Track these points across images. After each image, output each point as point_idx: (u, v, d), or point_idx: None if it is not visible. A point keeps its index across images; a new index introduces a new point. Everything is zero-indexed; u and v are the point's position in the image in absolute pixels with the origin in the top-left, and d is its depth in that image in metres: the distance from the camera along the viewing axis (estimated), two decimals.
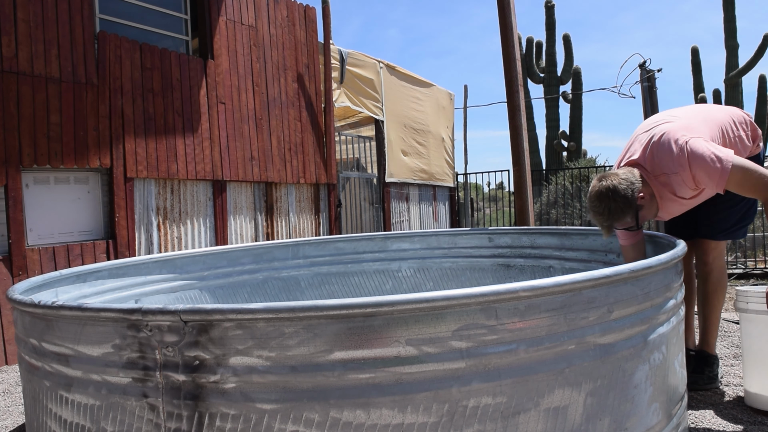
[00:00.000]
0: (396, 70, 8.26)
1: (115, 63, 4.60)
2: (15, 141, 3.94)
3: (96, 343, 1.33)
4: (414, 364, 1.21)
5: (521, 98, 4.80)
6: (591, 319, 1.34)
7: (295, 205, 6.41)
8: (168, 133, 4.97)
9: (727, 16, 14.66)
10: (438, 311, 1.21)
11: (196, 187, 5.29)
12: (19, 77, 3.98)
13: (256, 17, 5.94)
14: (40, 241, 4.17)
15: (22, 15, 4.02)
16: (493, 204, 12.87)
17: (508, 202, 9.57)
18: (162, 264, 2.83)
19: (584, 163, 13.12)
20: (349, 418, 1.20)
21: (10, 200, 3.91)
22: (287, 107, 6.25)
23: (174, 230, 5.06)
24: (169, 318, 1.23)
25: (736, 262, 7.57)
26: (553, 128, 15.80)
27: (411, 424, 1.21)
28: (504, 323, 1.25)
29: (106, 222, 4.60)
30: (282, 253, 3.39)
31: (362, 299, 1.20)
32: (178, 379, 1.25)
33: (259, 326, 1.21)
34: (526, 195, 4.79)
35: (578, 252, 2.99)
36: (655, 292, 1.52)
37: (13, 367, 3.77)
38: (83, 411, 1.38)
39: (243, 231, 5.77)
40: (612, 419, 1.38)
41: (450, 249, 3.52)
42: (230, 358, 1.23)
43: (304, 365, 1.21)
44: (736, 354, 3.22)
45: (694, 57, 15.26)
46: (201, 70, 5.31)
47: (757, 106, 14.51)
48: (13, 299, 1.57)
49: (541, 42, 15.95)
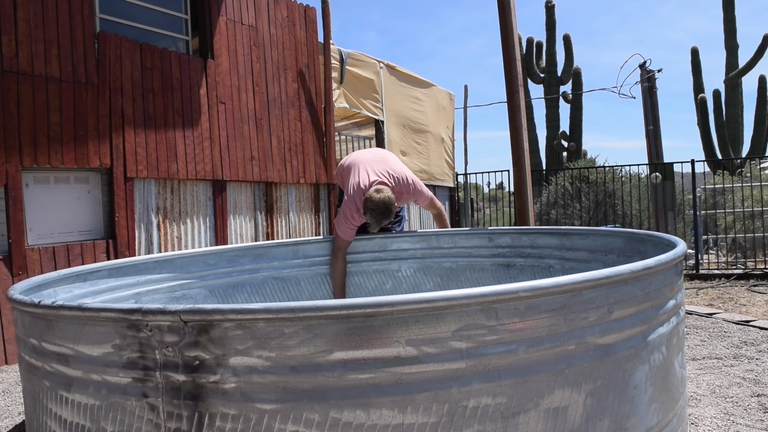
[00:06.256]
0: (396, 70, 8.26)
1: (115, 63, 4.60)
2: (15, 141, 3.94)
3: (96, 343, 1.33)
4: (414, 364, 1.21)
5: (521, 98, 4.80)
6: (591, 319, 1.34)
7: (295, 205, 6.40)
8: (168, 132, 4.97)
9: (727, 17, 14.65)
10: (438, 311, 1.21)
11: (196, 186, 5.29)
12: (19, 77, 3.98)
13: (256, 17, 5.94)
14: (40, 241, 4.16)
15: (22, 15, 4.02)
16: (493, 204, 12.86)
17: (508, 202, 9.57)
18: (162, 264, 2.82)
19: (584, 163, 13.12)
20: (349, 419, 1.20)
21: (10, 200, 3.91)
22: (287, 107, 6.25)
23: (174, 230, 5.06)
24: (169, 318, 1.23)
25: (736, 262, 7.56)
26: (553, 128, 15.80)
27: (411, 425, 1.21)
28: (504, 323, 1.25)
29: (106, 222, 4.60)
30: (282, 253, 3.38)
31: (362, 299, 1.20)
32: (178, 379, 1.25)
33: (259, 326, 1.21)
34: (526, 195, 4.79)
35: (578, 252, 2.98)
36: (655, 293, 1.51)
37: (13, 367, 3.77)
38: (83, 411, 1.38)
39: (243, 231, 5.77)
40: (612, 419, 1.37)
41: (450, 249, 3.52)
42: (230, 358, 1.22)
43: (304, 365, 1.21)
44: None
45: (693, 57, 15.26)
46: (201, 70, 5.30)
47: (757, 106, 14.51)
48: (13, 299, 1.57)
49: (541, 42, 15.95)
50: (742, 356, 3.19)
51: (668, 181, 8.34)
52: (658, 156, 10.87)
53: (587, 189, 9.49)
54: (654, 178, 8.34)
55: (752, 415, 2.32)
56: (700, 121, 15.00)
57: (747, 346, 3.40)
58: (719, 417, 2.32)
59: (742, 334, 3.70)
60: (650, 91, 10.70)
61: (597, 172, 9.65)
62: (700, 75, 15.25)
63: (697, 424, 2.25)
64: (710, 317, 4.32)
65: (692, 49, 15.30)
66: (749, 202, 7.94)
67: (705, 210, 8.04)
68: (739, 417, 2.30)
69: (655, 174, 8.36)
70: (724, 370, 2.93)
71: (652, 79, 10.59)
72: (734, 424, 2.24)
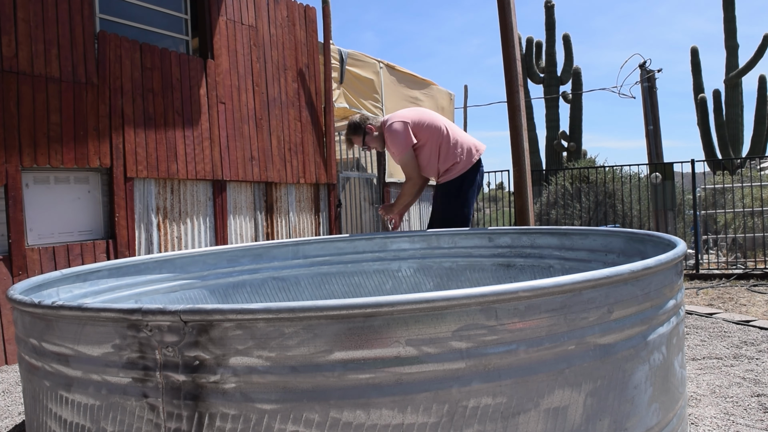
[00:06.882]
0: (396, 70, 8.26)
1: (115, 63, 4.60)
2: (15, 141, 3.94)
3: (96, 343, 1.33)
4: (414, 364, 1.21)
5: (521, 98, 4.80)
6: (591, 319, 1.34)
7: (295, 205, 6.40)
8: (168, 132, 4.97)
9: (727, 17, 14.65)
10: (438, 311, 1.21)
11: (196, 186, 5.29)
12: (19, 77, 3.98)
13: (256, 17, 5.94)
14: (40, 241, 4.17)
15: (22, 15, 4.02)
16: (493, 204, 12.86)
17: (508, 202, 9.56)
18: (162, 264, 2.82)
19: (584, 163, 13.12)
20: (349, 419, 1.20)
21: (10, 200, 3.91)
22: (287, 107, 6.25)
23: (174, 230, 5.06)
24: (169, 318, 1.23)
25: (736, 262, 7.56)
26: (553, 128, 15.81)
27: (411, 425, 1.21)
28: (504, 323, 1.25)
29: (106, 222, 4.60)
30: (282, 253, 3.38)
31: (362, 299, 1.20)
32: (178, 379, 1.25)
33: (259, 326, 1.21)
34: (526, 195, 4.79)
35: (578, 252, 2.98)
36: (655, 293, 1.51)
37: (13, 367, 3.77)
38: (83, 411, 1.38)
39: (243, 231, 5.77)
40: (612, 419, 1.37)
41: (450, 249, 3.52)
42: (230, 359, 1.22)
43: (304, 365, 1.21)
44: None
45: (693, 57, 15.26)
46: (201, 70, 5.30)
47: (757, 106, 14.52)
48: (13, 299, 1.57)
49: (541, 42, 15.96)
50: (742, 356, 3.19)
51: (668, 181, 8.35)
52: (658, 156, 10.87)
53: (587, 189, 9.49)
54: (654, 178, 8.34)
55: (752, 415, 2.32)
56: (700, 121, 15.01)
57: (747, 346, 3.40)
58: (719, 417, 2.32)
59: (742, 334, 3.70)
60: (650, 91, 10.71)
61: (597, 172, 9.65)
62: (700, 75, 15.25)
63: (697, 424, 2.25)
64: (710, 317, 4.32)
65: (692, 49, 15.30)
66: (749, 201, 7.94)
67: (705, 210, 8.04)
68: (739, 417, 2.30)
69: (655, 174, 8.37)
70: (724, 370, 2.93)
71: (652, 78, 10.59)
72: (734, 424, 2.24)
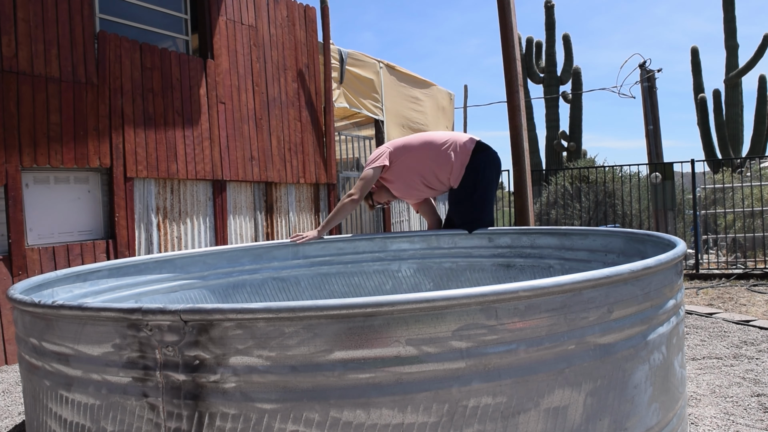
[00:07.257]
0: (396, 70, 8.26)
1: (115, 63, 4.60)
2: (15, 141, 3.94)
3: (96, 342, 1.33)
4: (414, 364, 1.21)
5: (521, 98, 4.80)
6: (591, 319, 1.34)
7: (295, 205, 6.40)
8: (168, 132, 4.97)
9: (727, 16, 14.66)
10: (438, 311, 1.21)
11: (196, 186, 5.29)
12: (19, 77, 3.98)
13: (256, 17, 5.94)
14: (40, 241, 4.17)
15: (22, 15, 4.02)
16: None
17: (508, 202, 9.56)
18: (162, 264, 2.82)
19: (584, 163, 13.12)
20: (349, 418, 1.20)
21: (10, 200, 3.91)
22: (287, 107, 6.25)
23: (174, 230, 5.06)
24: (169, 318, 1.23)
25: (736, 262, 7.56)
26: (553, 128, 15.81)
27: (411, 424, 1.21)
28: (504, 323, 1.25)
29: (106, 222, 4.60)
30: (282, 253, 3.38)
31: (362, 299, 1.20)
32: (178, 379, 1.25)
33: (259, 326, 1.21)
34: (526, 195, 4.79)
35: (578, 252, 2.98)
36: (655, 293, 1.51)
37: (13, 366, 3.77)
38: (83, 410, 1.38)
39: (243, 231, 5.77)
40: (612, 419, 1.37)
41: (450, 249, 3.52)
42: (230, 358, 1.22)
43: (304, 365, 1.21)
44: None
45: (693, 57, 15.27)
46: (201, 70, 5.30)
47: (757, 106, 14.52)
48: (13, 299, 1.57)
49: (541, 42, 15.96)
50: (742, 356, 3.19)
51: (668, 180, 8.35)
52: (658, 156, 10.87)
53: (587, 189, 9.49)
54: (654, 177, 8.34)
55: (752, 415, 2.32)
56: (700, 121, 15.01)
57: (747, 346, 3.40)
58: (719, 417, 2.32)
59: (742, 334, 3.70)
60: (650, 91, 10.70)
61: (597, 172, 9.65)
62: (700, 75, 15.26)
63: (697, 424, 2.25)
64: (710, 317, 4.32)
65: (692, 49, 15.31)
66: (749, 201, 7.94)
67: (705, 210, 8.04)
68: (739, 417, 2.31)
69: (655, 174, 8.37)
70: (724, 369, 2.93)
71: (652, 78, 10.59)
72: (734, 423, 2.24)
